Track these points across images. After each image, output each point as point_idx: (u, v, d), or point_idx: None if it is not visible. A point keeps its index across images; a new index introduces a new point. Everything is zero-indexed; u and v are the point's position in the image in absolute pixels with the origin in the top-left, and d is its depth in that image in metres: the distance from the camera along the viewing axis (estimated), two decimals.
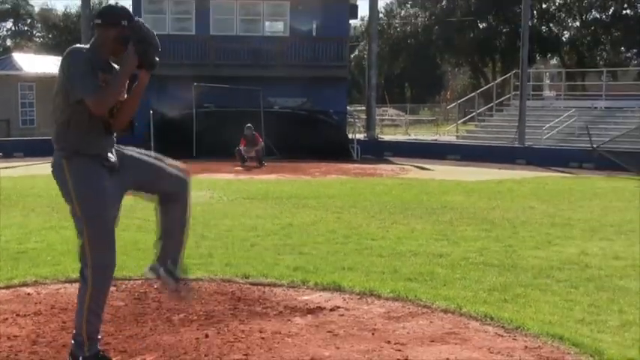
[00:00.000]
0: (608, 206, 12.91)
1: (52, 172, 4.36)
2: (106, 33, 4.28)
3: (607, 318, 5.65)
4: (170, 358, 4.63)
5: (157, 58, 4.38)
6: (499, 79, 44.34)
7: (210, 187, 15.24)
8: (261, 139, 22.27)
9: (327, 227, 9.98)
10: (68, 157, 4.25)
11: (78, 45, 4.35)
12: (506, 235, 9.52)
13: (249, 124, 22.08)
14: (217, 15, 30.01)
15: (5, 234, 9.10)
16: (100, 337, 4.45)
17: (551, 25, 57.75)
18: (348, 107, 35.03)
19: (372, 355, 4.71)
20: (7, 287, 6.39)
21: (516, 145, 26.30)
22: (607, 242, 9.14)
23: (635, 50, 55.85)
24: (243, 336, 5.02)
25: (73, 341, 4.38)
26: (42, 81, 35.88)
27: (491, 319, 5.53)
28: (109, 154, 4.38)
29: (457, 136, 34.03)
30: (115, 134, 4.43)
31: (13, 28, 78.16)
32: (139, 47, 4.23)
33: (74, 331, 4.40)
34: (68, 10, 71.62)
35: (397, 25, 65.54)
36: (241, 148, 21.69)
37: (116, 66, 4.39)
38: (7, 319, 5.39)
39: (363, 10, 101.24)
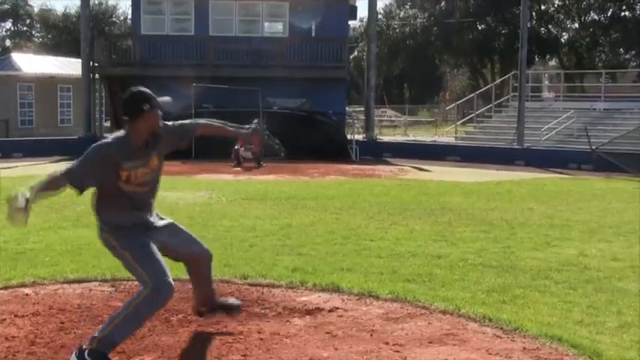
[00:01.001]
0: (607, 207, 12.92)
1: (100, 239, 4.70)
2: (136, 125, 4.50)
3: (606, 319, 5.65)
4: (169, 359, 4.63)
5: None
6: (498, 81, 44.37)
7: (209, 187, 15.24)
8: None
9: (326, 228, 9.98)
10: (110, 231, 4.58)
11: (108, 139, 4.55)
12: (505, 237, 9.52)
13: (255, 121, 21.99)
14: (216, 15, 29.98)
15: (4, 234, 9.09)
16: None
17: (550, 26, 57.75)
18: (347, 108, 35.02)
19: (371, 356, 4.71)
20: (6, 288, 6.38)
21: (515, 147, 26.30)
22: (606, 243, 9.15)
23: (633, 52, 55.85)
24: (242, 337, 5.02)
25: (92, 336, 4.42)
26: (41, 81, 35.90)
27: (490, 320, 5.54)
28: (150, 219, 4.80)
29: (456, 137, 34.04)
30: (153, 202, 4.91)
31: (12, 29, 78.11)
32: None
33: (102, 327, 4.46)
34: (67, 11, 71.52)
35: (396, 26, 65.50)
36: (238, 147, 21.60)
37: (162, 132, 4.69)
38: (5, 319, 5.39)
39: (362, 11, 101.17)
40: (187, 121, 5.06)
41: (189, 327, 5.25)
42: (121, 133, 4.57)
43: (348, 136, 28.24)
